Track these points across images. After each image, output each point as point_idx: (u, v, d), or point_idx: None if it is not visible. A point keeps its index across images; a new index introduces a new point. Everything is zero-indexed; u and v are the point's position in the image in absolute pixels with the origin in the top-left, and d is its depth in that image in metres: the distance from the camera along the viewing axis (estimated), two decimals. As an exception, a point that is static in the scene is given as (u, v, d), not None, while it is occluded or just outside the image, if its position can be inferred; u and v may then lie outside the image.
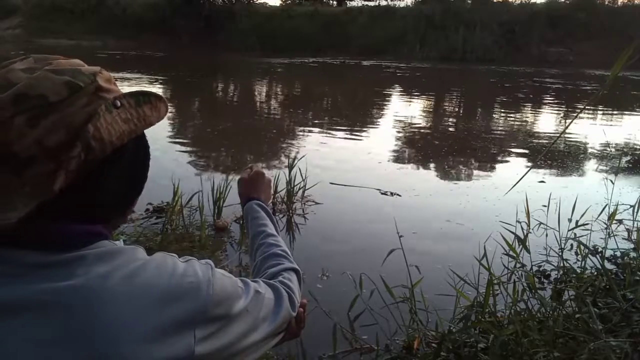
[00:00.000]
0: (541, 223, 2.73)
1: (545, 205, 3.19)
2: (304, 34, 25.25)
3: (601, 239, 3.17)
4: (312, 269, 3.04)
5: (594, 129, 8.27)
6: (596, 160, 6.47)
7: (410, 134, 8.10)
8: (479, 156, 6.54)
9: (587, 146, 7.16)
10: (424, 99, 12.81)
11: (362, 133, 8.03)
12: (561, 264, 2.51)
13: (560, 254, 2.39)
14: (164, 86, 12.66)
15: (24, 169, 0.56)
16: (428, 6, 25.18)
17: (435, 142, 7.40)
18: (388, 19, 25.56)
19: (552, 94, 13.43)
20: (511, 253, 2.19)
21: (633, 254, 2.86)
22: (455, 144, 7.21)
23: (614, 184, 3.42)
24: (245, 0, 27.65)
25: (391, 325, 2.28)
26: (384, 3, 29.11)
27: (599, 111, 10.26)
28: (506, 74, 18.10)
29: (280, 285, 0.85)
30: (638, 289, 1.98)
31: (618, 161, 6.18)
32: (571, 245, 3.28)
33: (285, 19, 26.66)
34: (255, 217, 1.07)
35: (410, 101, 12.14)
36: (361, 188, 4.75)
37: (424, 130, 8.41)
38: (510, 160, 6.35)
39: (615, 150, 6.91)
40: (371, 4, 29.41)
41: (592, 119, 9.56)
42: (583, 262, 2.52)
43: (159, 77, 13.89)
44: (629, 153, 6.75)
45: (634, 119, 9.92)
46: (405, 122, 8.94)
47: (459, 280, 2.18)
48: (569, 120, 9.50)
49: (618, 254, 2.96)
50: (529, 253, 2.24)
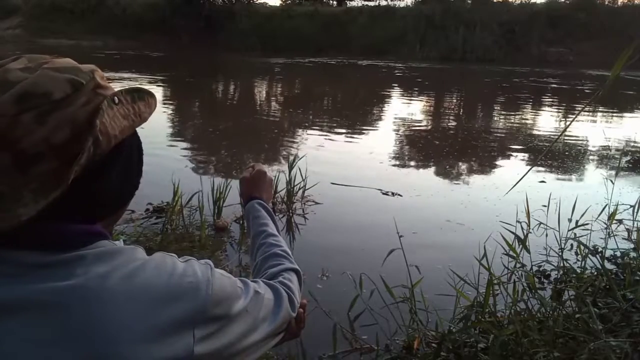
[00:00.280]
0: (541, 223, 2.73)
1: (545, 205, 3.19)
2: (304, 34, 25.28)
3: (601, 239, 3.17)
4: (312, 269, 3.04)
5: (594, 129, 8.27)
6: (596, 160, 6.47)
7: (411, 134, 8.10)
8: (480, 156, 6.54)
9: (587, 146, 7.16)
10: (424, 99, 12.81)
11: (363, 133, 8.04)
12: (561, 264, 2.51)
13: (560, 254, 2.39)
14: (163, 86, 12.66)
15: (31, 166, 0.56)
16: (428, 6, 25.21)
17: (435, 142, 7.40)
18: (388, 19, 25.58)
19: (552, 94, 13.44)
20: (511, 253, 2.18)
21: (633, 254, 2.86)
22: (456, 144, 7.21)
23: (614, 184, 3.42)
24: (245, 0, 27.67)
25: (391, 325, 2.28)
26: (384, 3, 29.17)
27: (599, 111, 10.26)
28: (506, 74, 18.10)
29: (280, 286, 0.85)
30: (638, 289, 1.98)
31: (618, 161, 6.17)
32: (571, 245, 3.28)
33: (285, 19, 26.69)
34: (257, 217, 1.07)
35: (410, 101, 12.14)
36: (362, 188, 4.75)
37: (425, 130, 8.42)
38: (510, 160, 6.36)
39: (615, 150, 6.91)
40: (371, 4, 29.44)
41: (592, 119, 9.56)
42: (583, 262, 2.52)
43: (158, 77, 13.89)
44: (629, 153, 6.75)
45: (634, 119, 9.92)
46: (405, 122, 8.95)
47: (459, 280, 2.17)
48: (569, 120, 9.50)
49: (618, 254, 2.96)
50: (529, 253, 2.24)
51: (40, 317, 0.56)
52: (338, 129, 8.08)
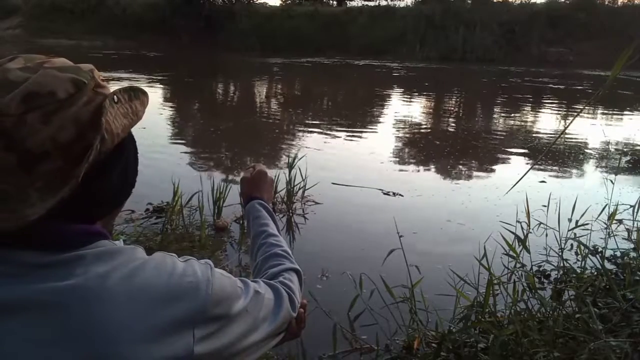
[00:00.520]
0: (541, 223, 2.73)
1: (546, 205, 3.19)
2: (304, 34, 25.27)
3: (601, 239, 3.17)
4: (312, 269, 3.03)
5: (594, 129, 8.27)
6: (596, 160, 6.47)
7: (411, 134, 8.10)
8: (481, 156, 6.54)
9: (587, 146, 7.16)
10: (425, 99, 12.81)
11: (363, 133, 8.03)
12: (561, 264, 2.51)
13: (560, 254, 2.39)
14: (163, 86, 12.66)
15: (36, 165, 0.57)
16: (428, 6, 25.19)
17: (436, 142, 7.40)
18: (388, 19, 25.56)
19: (552, 93, 13.43)
20: (511, 253, 2.19)
21: (633, 254, 2.86)
22: (456, 144, 7.21)
23: (614, 184, 3.42)
24: (245, 0, 27.66)
25: (391, 325, 2.28)
26: (384, 3, 29.14)
27: (599, 111, 10.26)
28: (506, 74, 18.09)
29: (280, 286, 0.85)
30: (638, 289, 1.98)
31: (618, 161, 6.17)
32: (571, 245, 3.28)
33: (285, 19, 26.68)
34: (257, 217, 1.07)
35: (410, 101, 12.14)
36: (363, 188, 4.75)
37: (425, 131, 8.42)
38: (511, 160, 6.35)
39: (615, 150, 6.91)
40: (371, 4, 29.42)
41: (592, 119, 9.56)
42: (583, 262, 2.52)
43: (158, 77, 13.88)
44: (629, 153, 6.75)
45: (634, 119, 9.92)
46: (406, 122, 8.94)
47: (459, 280, 2.18)
48: (569, 120, 9.50)
49: (618, 254, 2.96)
50: (529, 253, 2.24)
51: (40, 317, 0.56)
52: (338, 129, 8.07)
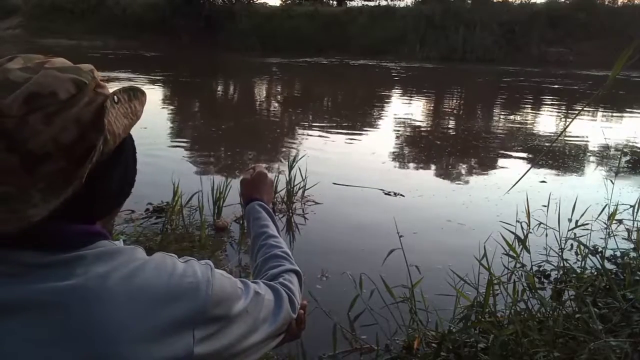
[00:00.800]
0: (541, 223, 2.73)
1: (546, 205, 3.19)
2: (304, 34, 25.27)
3: (601, 239, 3.17)
4: (312, 269, 3.03)
5: (594, 129, 8.27)
6: (596, 160, 6.47)
7: (412, 134, 8.10)
8: (481, 156, 6.55)
9: (587, 146, 7.16)
10: (425, 99, 12.81)
11: (364, 133, 8.03)
12: (561, 264, 2.51)
13: (560, 254, 2.39)
14: (163, 86, 12.65)
15: (38, 166, 0.56)
16: (428, 6, 25.20)
17: (437, 142, 7.40)
18: (388, 19, 25.56)
19: (552, 93, 13.43)
20: (511, 253, 2.19)
21: (633, 254, 2.86)
22: (457, 144, 7.21)
23: (614, 184, 3.42)
24: (245, 0, 27.66)
25: (391, 325, 2.27)
26: (384, 3, 29.15)
27: (599, 111, 10.26)
28: (506, 74, 18.09)
29: (280, 287, 0.85)
30: (638, 289, 1.98)
31: (618, 161, 6.17)
32: (571, 245, 3.28)
33: (285, 19, 26.68)
34: (257, 218, 1.07)
35: (410, 101, 12.14)
36: (363, 188, 4.74)
37: (426, 131, 8.42)
38: (512, 160, 6.35)
39: (615, 150, 6.91)
40: (371, 4, 29.42)
41: (592, 119, 9.56)
42: (583, 262, 2.52)
43: (158, 77, 13.88)
44: (629, 153, 6.75)
45: (634, 119, 9.92)
46: (406, 123, 8.94)
47: (459, 280, 2.17)
48: (569, 120, 9.50)
49: (618, 254, 2.96)
50: (529, 253, 2.25)
51: (40, 317, 0.56)
52: (339, 129, 8.07)
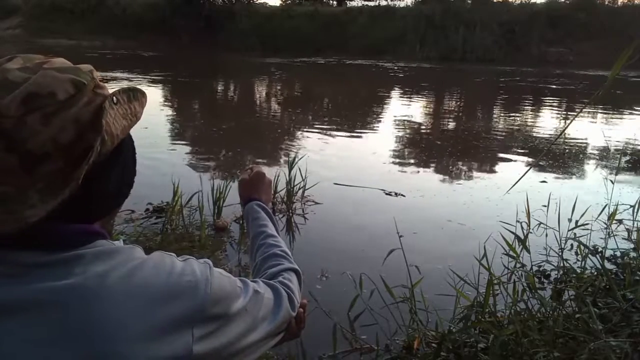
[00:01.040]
0: (541, 223, 2.73)
1: (546, 205, 3.19)
2: (304, 34, 25.28)
3: (601, 239, 3.17)
4: (312, 269, 3.03)
5: (594, 129, 8.27)
6: (596, 160, 6.47)
7: (412, 134, 8.10)
8: (482, 156, 6.54)
9: (587, 146, 7.16)
10: (425, 99, 12.81)
11: (364, 133, 8.03)
12: (561, 264, 2.50)
13: (560, 254, 2.39)
14: (163, 86, 12.65)
15: (37, 166, 0.56)
16: (428, 6, 25.19)
17: (437, 143, 7.40)
18: (388, 19, 25.57)
19: (552, 93, 13.43)
20: (511, 253, 2.18)
21: (633, 254, 2.86)
22: (458, 144, 7.21)
23: (614, 184, 3.42)
24: (245, 0, 27.67)
25: (391, 325, 2.27)
26: (384, 3, 29.15)
27: (599, 111, 10.26)
28: (506, 74, 18.09)
29: (279, 286, 0.85)
30: (638, 289, 1.98)
31: (618, 161, 6.17)
32: (571, 245, 3.28)
33: (285, 19, 26.68)
34: (256, 218, 1.07)
35: (411, 101, 12.14)
36: (364, 188, 4.74)
37: (426, 131, 8.42)
38: (513, 160, 6.34)
39: (615, 150, 6.91)
40: (371, 4, 29.42)
41: (592, 119, 9.55)
42: (583, 262, 2.52)
43: (157, 78, 13.88)
44: (629, 153, 6.75)
45: (634, 119, 9.92)
46: (407, 123, 8.94)
47: (459, 280, 2.17)
48: (569, 120, 9.50)
49: (618, 254, 2.96)
50: (529, 253, 2.24)
51: (39, 317, 0.56)
52: (339, 129, 8.07)
